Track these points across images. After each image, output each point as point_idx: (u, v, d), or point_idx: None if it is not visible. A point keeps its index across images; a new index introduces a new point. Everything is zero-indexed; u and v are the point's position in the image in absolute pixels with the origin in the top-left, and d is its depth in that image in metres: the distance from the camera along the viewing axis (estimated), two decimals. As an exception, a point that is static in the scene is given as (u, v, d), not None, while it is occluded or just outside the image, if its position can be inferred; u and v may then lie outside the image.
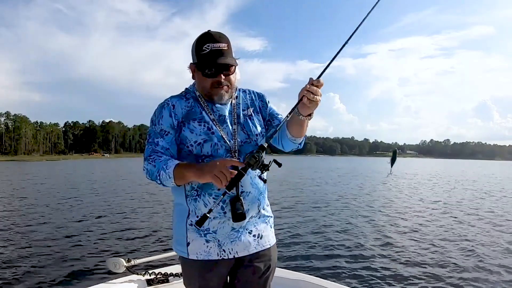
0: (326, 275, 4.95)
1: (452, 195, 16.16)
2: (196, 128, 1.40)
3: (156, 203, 12.36)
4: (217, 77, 1.39)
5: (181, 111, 1.43)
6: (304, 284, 2.23)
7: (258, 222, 1.48)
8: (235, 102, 1.50)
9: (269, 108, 1.58)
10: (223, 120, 1.44)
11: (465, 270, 5.41)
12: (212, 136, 1.39)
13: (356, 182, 22.25)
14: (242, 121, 1.47)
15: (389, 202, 13.10)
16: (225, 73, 1.40)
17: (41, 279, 4.89)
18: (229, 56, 1.40)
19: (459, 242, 7.14)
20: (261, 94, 1.61)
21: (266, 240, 1.49)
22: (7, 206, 11.63)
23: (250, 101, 1.55)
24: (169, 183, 1.32)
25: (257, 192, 1.44)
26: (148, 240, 7.05)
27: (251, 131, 1.46)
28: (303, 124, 1.37)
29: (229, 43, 1.41)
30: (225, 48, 1.38)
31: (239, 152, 1.41)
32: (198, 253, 1.41)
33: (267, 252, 1.49)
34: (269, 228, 1.53)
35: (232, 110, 1.47)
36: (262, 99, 1.59)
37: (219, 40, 1.38)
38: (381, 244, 6.89)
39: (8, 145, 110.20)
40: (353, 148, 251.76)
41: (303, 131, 1.41)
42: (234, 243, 1.40)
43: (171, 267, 2.46)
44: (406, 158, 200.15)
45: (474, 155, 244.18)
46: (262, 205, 1.49)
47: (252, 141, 1.45)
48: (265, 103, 1.58)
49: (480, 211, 11.20)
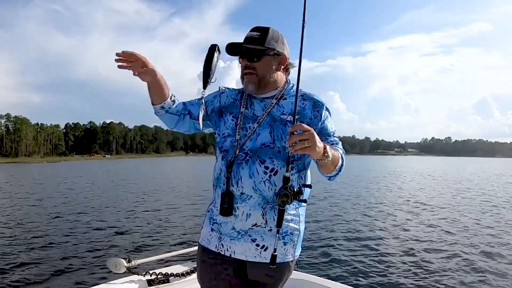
0: (328, 275, 4.95)
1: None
2: (228, 121, 1.42)
3: (157, 203, 12.36)
4: (242, 62, 1.37)
5: (225, 100, 1.47)
6: (306, 284, 2.21)
7: (268, 234, 1.33)
8: (274, 101, 1.39)
9: (321, 122, 1.38)
10: (254, 117, 1.39)
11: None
12: (235, 132, 1.39)
13: (361, 183, 22.25)
14: (274, 123, 1.36)
15: (391, 201, 13.09)
16: (249, 58, 1.36)
17: (41, 279, 4.90)
18: (259, 44, 1.34)
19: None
20: (320, 104, 1.40)
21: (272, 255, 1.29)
22: (8, 206, 11.65)
23: (300, 108, 1.37)
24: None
25: (262, 200, 1.32)
26: (148, 240, 7.04)
27: (279, 137, 1.34)
28: (324, 164, 1.24)
29: (267, 33, 1.36)
30: (256, 36, 1.35)
31: (251, 153, 1.34)
32: (203, 238, 1.45)
33: (267, 266, 1.29)
34: (283, 245, 1.35)
35: (265, 108, 1.39)
36: (319, 110, 1.39)
37: (254, 29, 1.37)
38: (382, 243, 6.87)
39: (9, 147, 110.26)
40: (354, 147, 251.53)
41: (327, 169, 1.28)
42: (233, 243, 1.36)
43: (172, 267, 2.45)
44: (407, 156, 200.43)
45: (475, 152, 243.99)
46: (271, 217, 1.31)
47: (276, 147, 1.33)
48: (319, 115, 1.38)
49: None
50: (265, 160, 1.33)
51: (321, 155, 1.18)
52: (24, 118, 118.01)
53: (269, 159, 1.33)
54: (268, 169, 1.32)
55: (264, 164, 1.32)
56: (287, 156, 1.23)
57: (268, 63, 1.37)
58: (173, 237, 7.37)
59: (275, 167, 1.32)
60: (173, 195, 14.79)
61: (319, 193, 15.08)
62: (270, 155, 1.33)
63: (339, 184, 19.00)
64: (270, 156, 1.33)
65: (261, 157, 1.33)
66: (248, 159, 1.34)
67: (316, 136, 1.14)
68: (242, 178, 1.33)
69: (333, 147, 1.31)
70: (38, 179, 26.19)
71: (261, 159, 1.33)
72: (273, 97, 1.41)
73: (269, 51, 1.36)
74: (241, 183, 1.33)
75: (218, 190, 1.39)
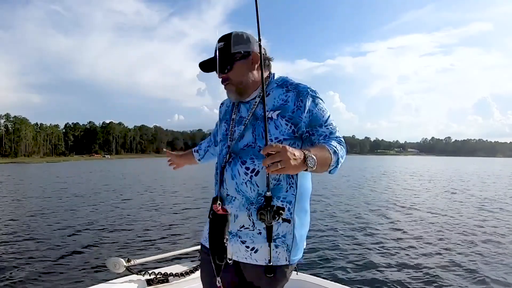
0: (328, 275, 4.94)
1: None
2: (221, 128, 1.47)
3: (157, 203, 12.35)
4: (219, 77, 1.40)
5: (223, 110, 1.53)
6: (305, 285, 2.20)
7: (257, 237, 1.30)
8: (258, 100, 1.36)
9: (307, 112, 1.28)
10: (241, 120, 1.39)
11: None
12: (225, 137, 1.42)
13: (361, 181, 22.25)
14: (256, 122, 1.33)
15: (392, 201, 13.08)
16: (220, 70, 1.36)
17: (41, 279, 4.89)
18: (226, 53, 1.34)
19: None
20: (304, 92, 1.30)
21: (264, 257, 1.29)
22: (8, 207, 11.64)
23: (283, 102, 1.31)
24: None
25: (246, 201, 1.30)
26: (148, 240, 7.04)
27: (260, 135, 1.31)
28: (312, 172, 1.19)
29: (230, 39, 1.34)
30: (221, 46, 1.35)
31: (234, 155, 1.35)
32: (203, 236, 1.49)
33: (260, 270, 1.30)
34: (274, 247, 1.30)
35: (250, 109, 1.37)
36: (302, 99, 1.29)
37: (219, 40, 1.36)
38: (382, 243, 6.86)
39: (8, 147, 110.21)
40: (354, 147, 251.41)
41: (319, 171, 1.20)
42: (227, 243, 1.35)
43: (171, 267, 2.46)
44: (407, 156, 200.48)
45: (475, 152, 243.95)
46: (256, 219, 1.25)
47: (257, 146, 1.30)
48: (303, 106, 1.28)
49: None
50: (246, 161, 1.31)
51: (301, 168, 1.11)
52: (23, 118, 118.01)
53: (250, 159, 1.31)
54: (249, 169, 1.30)
55: (245, 165, 1.31)
56: (267, 177, 1.19)
57: (240, 68, 1.35)
58: (173, 237, 7.36)
59: (256, 167, 1.30)
60: (173, 195, 14.78)
61: (319, 193, 15.07)
62: (251, 155, 1.31)
63: (339, 184, 18.99)
64: (251, 156, 1.31)
65: (243, 158, 1.32)
66: (231, 161, 1.35)
67: (290, 153, 1.06)
68: (226, 180, 1.35)
69: (322, 145, 1.23)
70: (38, 179, 26.18)
71: (243, 160, 1.32)
72: (257, 96, 1.38)
73: (237, 56, 1.34)
74: (225, 185, 1.35)
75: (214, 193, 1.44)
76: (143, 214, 10.16)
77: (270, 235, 1.24)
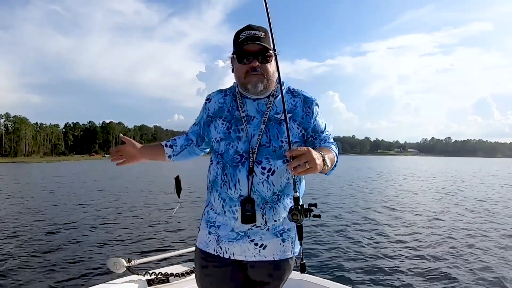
0: (328, 276, 4.94)
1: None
2: (219, 126, 1.40)
3: (157, 203, 12.34)
4: (251, 62, 1.31)
5: (214, 106, 1.45)
6: (306, 285, 2.20)
7: (266, 234, 1.34)
8: (272, 100, 1.37)
9: (313, 119, 1.39)
10: (251, 118, 1.36)
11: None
12: (228, 135, 1.36)
13: (360, 183, 22.24)
14: (269, 123, 1.34)
15: (392, 201, 13.09)
16: (261, 59, 1.32)
17: (41, 279, 4.89)
18: (267, 43, 1.32)
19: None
20: (310, 100, 1.40)
21: (272, 253, 1.35)
22: (8, 207, 11.63)
23: (292, 106, 1.38)
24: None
25: (261, 201, 1.31)
26: (148, 240, 7.04)
27: (275, 136, 1.33)
28: (323, 171, 1.26)
29: (268, 33, 1.32)
30: (262, 36, 1.31)
31: (247, 154, 1.33)
32: (200, 241, 1.44)
33: (268, 265, 1.36)
34: (281, 242, 1.36)
35: (265, 109, 1.36)
36: (310, 106, 1.39)
37: (256, 28, 1.33)
38: (383, 243, 6.86)
39: (8, 146, 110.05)
40: (354, 147, 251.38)
41: (325, 171, 1.29)
42: (231, 244, 1.35)
43: (172, 267, 2.46)
44: (407, 156, 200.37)
45: (475, 152, 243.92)
46: (270, 217, 1.32)
47: (272, 146, 1.32)
48: (311, 112, 1.39)
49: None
50: (261, 161, 1.32)
51: (322, 168, 1.19)
52: (23, 118, 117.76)
53: (265, 159, 1.32)
54: (265, 169, 1.31)
55: (261, 165, 1.31)
56: (293, 178, 1.23)
57: (273, 64, 1.36)
58: (173, 237, 7.36)
59: (272, 167, 1.31)
60: (173, 195, 14.73)
61: (319, 193, 15.08)
62: (267, 155, 1.32)
63: (339, 184, 18.98)
64: (267, 156, 1.32)
65: (257, 158, 1.32)
66: (244, 161, 1.32)
67: (314, 154, 1.14)
68: (240, 180, 1.32)
69: (327, 147, 1.35)
70: (37, 178, 26.15)
71: (258, 160, 1.31)
72: (270, 95, 1.38)
73: (275, 52, 1.34)
74: (239, 185, 1.32)
75: (214, 193, 1.39)
76: (143, 214, 10.16)
77: (301, 233, 1.24)
